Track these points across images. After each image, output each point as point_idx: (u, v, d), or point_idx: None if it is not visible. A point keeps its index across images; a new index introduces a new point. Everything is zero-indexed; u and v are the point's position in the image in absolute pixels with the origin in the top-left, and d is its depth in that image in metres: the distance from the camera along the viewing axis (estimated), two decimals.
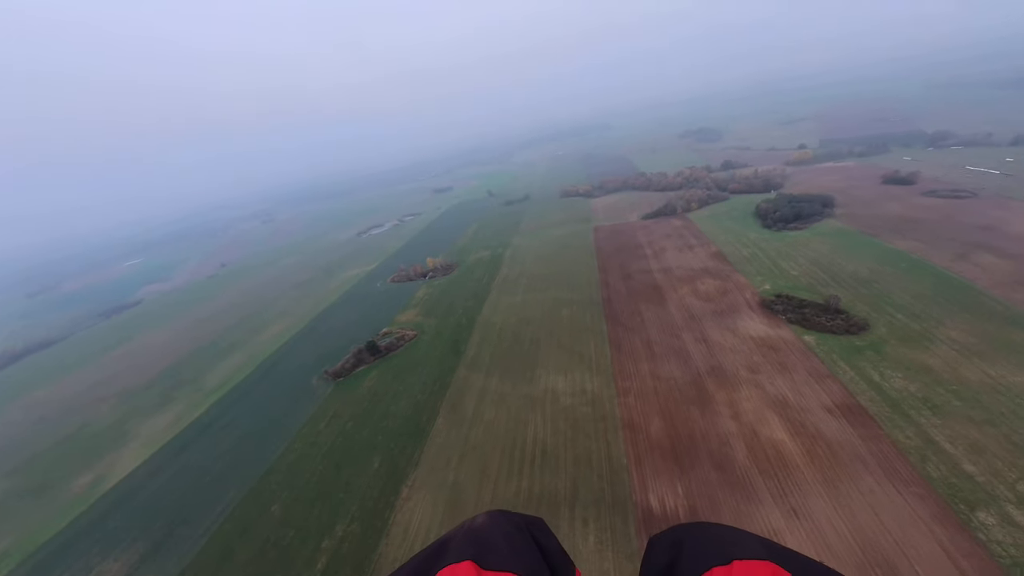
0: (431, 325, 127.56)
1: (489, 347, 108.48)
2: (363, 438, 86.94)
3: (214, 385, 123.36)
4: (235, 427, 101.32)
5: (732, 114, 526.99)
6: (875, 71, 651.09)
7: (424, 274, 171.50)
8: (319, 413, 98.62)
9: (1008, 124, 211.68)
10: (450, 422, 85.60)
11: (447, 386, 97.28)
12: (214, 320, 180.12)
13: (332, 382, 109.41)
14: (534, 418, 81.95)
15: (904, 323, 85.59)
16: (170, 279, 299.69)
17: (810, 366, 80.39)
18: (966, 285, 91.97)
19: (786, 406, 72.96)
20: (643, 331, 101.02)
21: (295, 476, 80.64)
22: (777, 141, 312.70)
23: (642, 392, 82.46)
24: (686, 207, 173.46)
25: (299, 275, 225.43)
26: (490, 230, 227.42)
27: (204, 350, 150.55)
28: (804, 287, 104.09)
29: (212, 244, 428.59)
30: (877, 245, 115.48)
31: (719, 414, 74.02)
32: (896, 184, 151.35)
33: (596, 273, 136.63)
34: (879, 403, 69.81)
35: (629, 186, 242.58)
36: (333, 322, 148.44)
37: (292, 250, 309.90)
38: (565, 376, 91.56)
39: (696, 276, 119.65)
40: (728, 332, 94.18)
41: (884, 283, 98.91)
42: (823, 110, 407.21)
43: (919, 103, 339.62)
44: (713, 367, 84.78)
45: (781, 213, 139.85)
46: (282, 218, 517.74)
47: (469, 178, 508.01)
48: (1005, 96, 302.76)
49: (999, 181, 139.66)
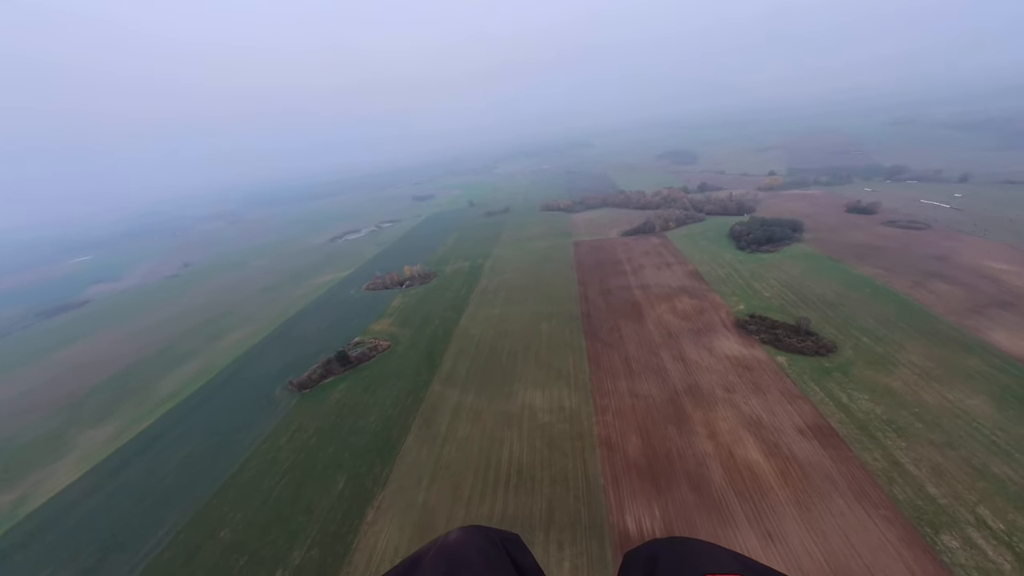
0: (406, 336, 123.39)
1: (466, 360, 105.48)
2: (328, 455, 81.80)
3: (165, 395, 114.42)
4: (185, 441, 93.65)
5: (707, 139, 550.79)
6: (838, 108, 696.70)
7: (401, 282, 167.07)
8: (281, 427, 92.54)
9: (955, 162, 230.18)
10: (422, 439, 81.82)
11: (420, 401, 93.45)
12: (170, 324, 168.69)
13: (297, 394, 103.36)
14: (510, 436, 79.38)
15: (869, 346, 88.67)
16: (122, 278, 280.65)
17: (783, 387, 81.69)
18: (924, 311, 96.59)
19: (760, 426, 73.48)
20: (622, 347, 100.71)
21: (250, 496, 74.61)
22: (749, 167, 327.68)
23: (620, 410, 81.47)
24: (664, 226, 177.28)
25: (267, 279, 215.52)
26: (470, 240, 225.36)
27: (157, 356, 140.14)
28: (776, 308, 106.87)
29: (174, 243, 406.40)
30: (843, 270, 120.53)
31: (696, 433, 73.76)
32: (859, 213, 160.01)
33: (576, 287, 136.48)
34: (848, 425, 71.29)
35: (609, 203, 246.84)
36: (301, 330, 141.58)
37: (261, 252, 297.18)
38: (543, 392, 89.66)
39: (674, 294, 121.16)
40: (705, 351, 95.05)
41: (850, 306, 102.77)
42: (791, 141, 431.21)
43: (877, 139, 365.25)
44: (690, 386, 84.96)
45: (754, 235, 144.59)
46: (251, 219, 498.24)
47: (451, 187, 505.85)
48: (952, 136, 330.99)
49: (949, 214, 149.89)
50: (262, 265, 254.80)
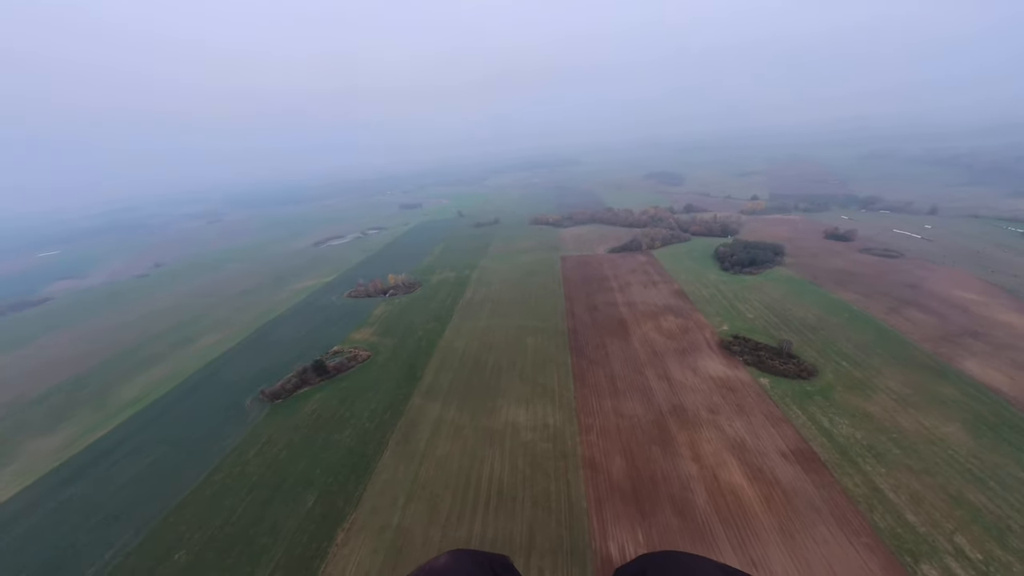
0: (387, 346, 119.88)
1: (448, 374, 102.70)
2: (298, 471, 77.48)
3: (125, 401, 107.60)
4: (144, 452, 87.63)
5: (693, 162, 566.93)
6: (818, 139, 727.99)
7: (384, 291, 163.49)
8: (249, 439, 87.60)
9: (925, 195, 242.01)
10: (399, 456, 78.40)
11: (399, 414, 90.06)
12: (137, 325, 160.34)
13: (268, 404, 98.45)
14: (492, 454, 76.79)
15: (848, 371, 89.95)
16: (89, 276, 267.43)
17: (766, 409, 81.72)
18: (900, 338, 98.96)
19: (744, 449, 72.96)
20: (607, 365, 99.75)
21: (211, 514, 69.67)
22: (733, 190, 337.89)
23: (605, 429, 79.98)
24: (650, 244, 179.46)
25: (244, 282, 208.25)
26: (458, 251, 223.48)
27: (119, 359, 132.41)
28: (759, 330, 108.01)
29: (148, 241, 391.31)
30: (823, 294, 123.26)
31: (680, 455, 72.72)
32: (837, 240, 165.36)
33: (562, 302, 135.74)
34: (829, 449, 71.41)
35: (597, 219, 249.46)
36: (277, 336, 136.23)
37: (239, 255, 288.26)
38: (527, 409, 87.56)
39: (659, 313, 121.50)
40: (689, 371, 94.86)
41: (830, 331, 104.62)
42: (773, 167, 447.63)
43: (853, 170, 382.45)
44: (675, 406, 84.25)
45: (738, 257, 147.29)
46: (232, 219, 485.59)
47: (440, 197, 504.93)
48: (923, 171, 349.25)
49: (920, 245, 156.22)
50: (240, 268, 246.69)
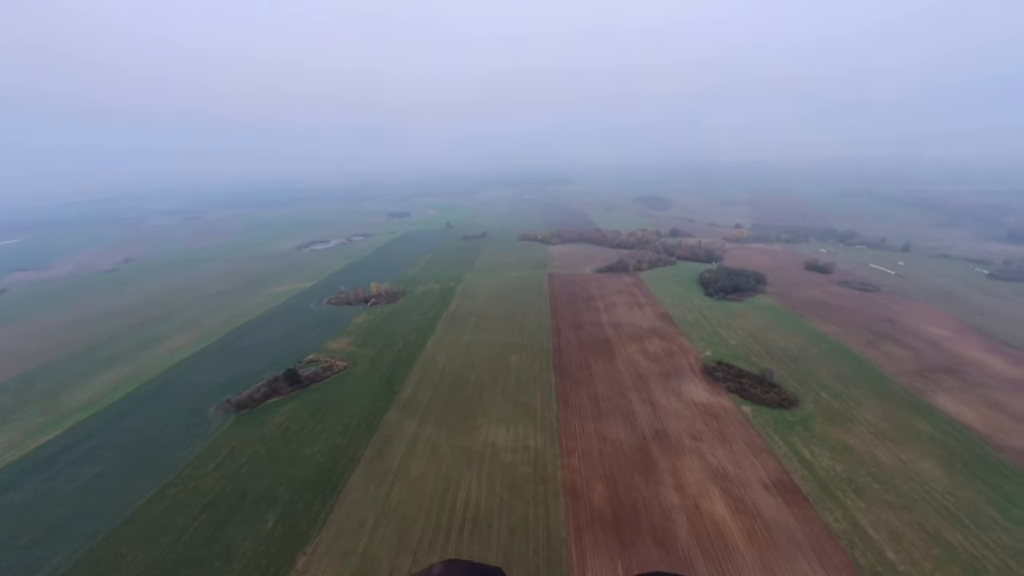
0: (366, 357, 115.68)
1: (428, 389, 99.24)
2: (260, 487, 72.48)
3: (76, 404, 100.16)
4: (91, 461, 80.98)
5: (680, 188, 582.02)
6: (798, 175, 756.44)
7: (366, 299, 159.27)
8: (210, 451, 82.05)
9: (898, 233, 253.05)
10: (370, 475, 74.32)
11: (373, 430, 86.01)
12: (98, 322, 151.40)
13: (234, 413, 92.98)
14: (469, 476, 73.50)
15: (828, 402, 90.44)
16: (51, 267, 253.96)
17: (748, 438, 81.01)
18: (877, 371, 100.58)
19: (727, 479, 71.69)
20: (591, 386, 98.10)
21: (159, 533, 64.09)
22: (717, 218, 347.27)
23: (587, 453, 77.78)
24: (637, 266, 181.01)
25: (219, 283, 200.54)
26: (443, 262, 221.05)
27: (75, 358, 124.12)
28: (742, 357, 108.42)
29: (121, 235, 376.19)
30: (803, 324, 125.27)
31: (663, 483, 70.95)
32: (816, 271, 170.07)
33: (548, 320, 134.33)
34: (810, 482, 70.73)
35: (585, 239, 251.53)
36: (250, 341, 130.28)
37: (216, 254, 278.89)
38: (508, 429, 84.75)
39: (644, 335, 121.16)
40: (673, 396, 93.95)
41: (810, 361, 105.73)
42: (756, 198, 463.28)
43: (831, 205, 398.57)
44: (658, 431, 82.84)
45: (722, 283, 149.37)
46: (211, 218, 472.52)
47: (428, 207, 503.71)
48: (896, 210, 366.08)
49: (895, 280, 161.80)
50: (215, 268, 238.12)
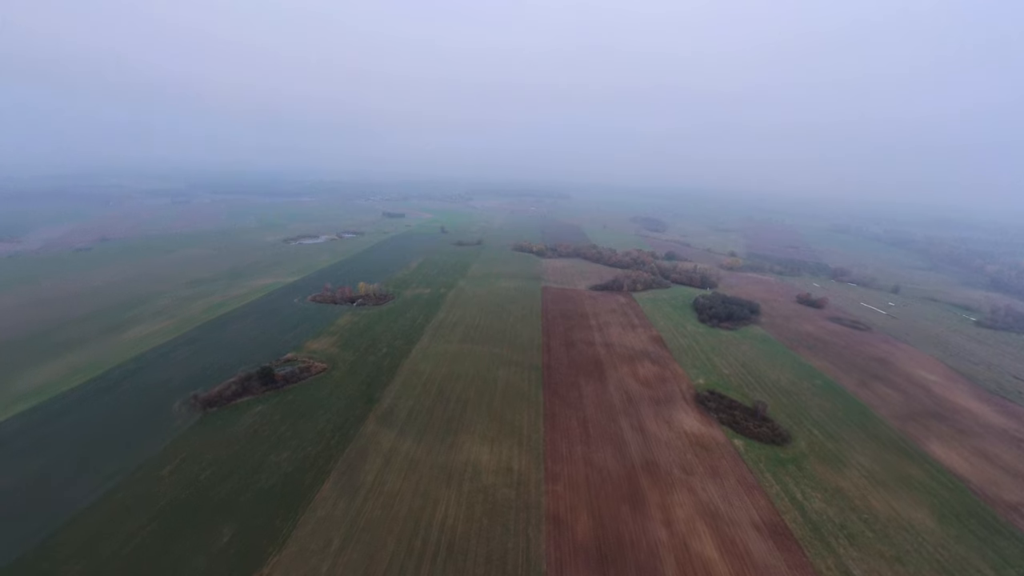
0: (346, 360, 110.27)
1: (409, 399, 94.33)
2: (220, 496, 66.63)
3: (24, 390, 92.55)
4: (33, 456, 74.02)
5: (677, 212, 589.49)
6: (788, 207, 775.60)
7: (353, 299, 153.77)
8: (169, 451, 75.81)
9: (887, 274, 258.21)
10: (341, 488, 69.05)
11: (348, 440, 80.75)
12: (61, 303, 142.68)
13: (200, 412, 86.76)
14: (447, 496, 68.79)
15: (821, 441, 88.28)
16: (19, 241, 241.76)
17: (739, 474, 78.05)
18: (869, 412, 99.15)
19: (717, 517, 68.35)
20: (581, 408, 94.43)
21: (99, 543, 57.85)
22: (712, 244, 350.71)
23: (573, 480, 73.76)
24: (632, 286, 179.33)
25: (198, 271, 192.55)
26: (436, 267, 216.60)
27: (31, 340, 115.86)
28: (735, 387, 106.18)
29: (98, 212, 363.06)
30: (795, 358, 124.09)
31: (651, 518, 67.22)
32: (808, 306, 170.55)
33: (539, 335, 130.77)
34: (802, 525, 67.84)
35: (580, 254, 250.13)
36: (225, 334, 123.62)
37: (198, 240, 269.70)
38: (491, 447, 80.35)
39: (636, 357, 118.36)
40: (664, 424, 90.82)
41: (803, 396, 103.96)
42: (750, 227, 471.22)
43: (821, 240, 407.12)
44: (648, 461, 79.35)
45: (716, 311, 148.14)
46: (200, 202, 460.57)
47: (424, 210, 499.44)
48: (883, 250, 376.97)
49: (885, 321, 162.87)
50: (196, 254, 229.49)
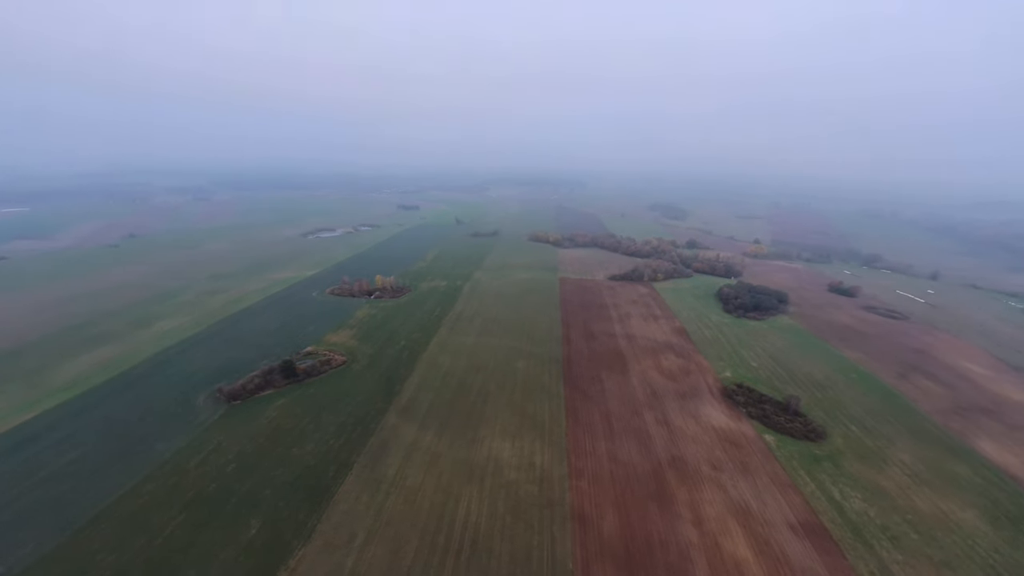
0: (366, 353, 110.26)
1: (430, 392, 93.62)
2: (245, 489, 67.17)
3: (60, 384, 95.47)
4: (70, 446, 76.16)
5: (697, 198, 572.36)
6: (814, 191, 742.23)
7: (370, 292, 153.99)
8: (195, 444, 76.94)
9: (925, 260, 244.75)
10: (364, 483, 68.81)
11: (370, 433, 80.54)
12: (93, 298, 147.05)
13: (225, 404, 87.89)
14: (469, 492, 67.80)
15: (858, 437, 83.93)
16: (53, 238, 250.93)
17: (772, 471, 74.75)
18: (910, 406, 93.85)
19: (749, 516, 65.52)
20: (603, 402, 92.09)
21: (132, 533, 58.94)
22: (735, 232, 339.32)
23: (597, 476, 71.82)
24: (652, 276, 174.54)
25: (220, 265, 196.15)
26: (452, 259, 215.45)
27: (65, 334, 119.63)
28: (763, 381, 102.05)
29: (126, 209, 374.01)
30: (827, 349, 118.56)
31: (680, 516, 64.85)
32: (840, 294, 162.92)
33: (559, 327, 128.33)
34: (841, 526, 64.42)
35: (598, 244, 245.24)
36: (246, 328, 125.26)
37: (220, 235, 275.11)
38: (513, 442, 78.96)
39: (659, 350, 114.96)
40: (691, 418, 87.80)
41: (837, 390, 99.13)
42: (775, 214, 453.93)
43: (852, 226, 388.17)
44: (675, 457, 76.73)
45: (742, 301, 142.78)
46: (220, 198, 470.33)
47: (438, 201, 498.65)
48: (919, 235, 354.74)
49: (924, 309, 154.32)
50: (218, 249, 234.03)
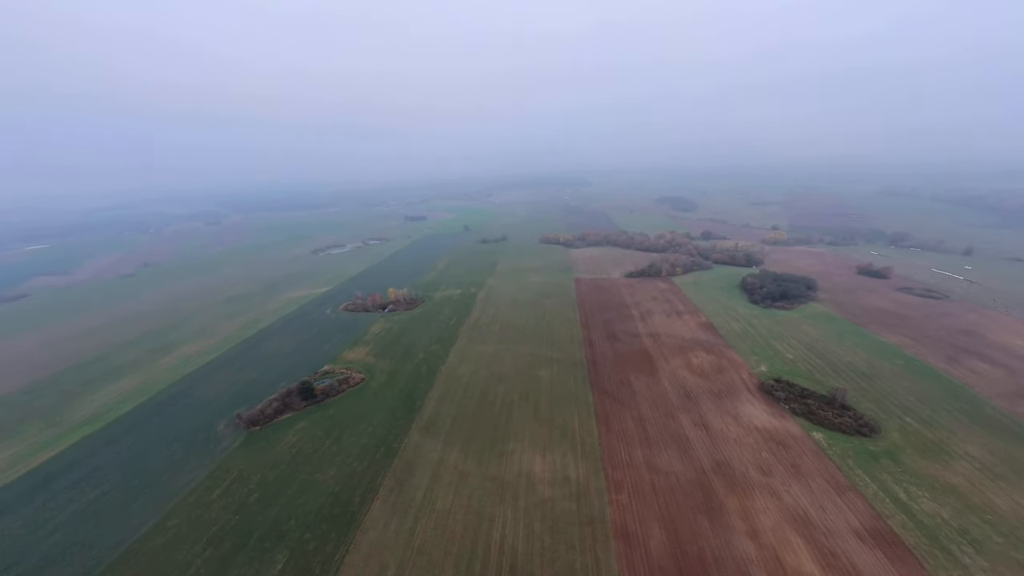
0: (383, 369, 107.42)
1: (452, 406, 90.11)
2: (269, 520, 64.29)
3: (82, 418, 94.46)
4: (93, 483, 74.49)
5: (704, 189, 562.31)
6: (826, 172, 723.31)
7: (384, 306, 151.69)
8: (217, 474, 74.53)
9: (955, 235, 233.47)
10: (392, 508, 65.36)
11: (394, 453, 77.25)
12: (111, 329, 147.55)
13: (244, 431, 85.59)
14: (503, 513, 63.81)
15: (916, 429, 77.75)
16: (72, 272, 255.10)
17: (827, 472, 69.21)
18: (968, 392, 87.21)
19: (809, 525, 60.21)
20: (634, 406, 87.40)
21: (159, 572, 56.25)
22: (750, 219, 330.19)
23: (638, 488, 67.21)
24: (670, 271, 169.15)
25: (234, 288, 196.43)
26: (463, 267, 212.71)
27: (86, 367, 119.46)
28: (803, 373, 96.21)
29: (142, 239, 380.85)
30: (867, 336, 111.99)
31: (733, 529, 59.84)
32: (871, 276, 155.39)
33: (579, 329, 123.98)
34: (913, 531, 58.66)
35: (610, 241, 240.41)
36: (264, 350, 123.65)
37: (233, 258, 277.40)
38: (543, 456, 74.85)
39: (688, 347, 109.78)
40: (730, 418, 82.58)
41: (884, 379, 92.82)
42: (788, 199, 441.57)
43: (871, 205, 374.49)
44: (719, 462, 71.68)
45: (768, 290, 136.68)
46: (231, 222, 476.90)
47: (445, 210, 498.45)
48: (946, 209, 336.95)
49: (964, 287, 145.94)
50: (232, 272, 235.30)
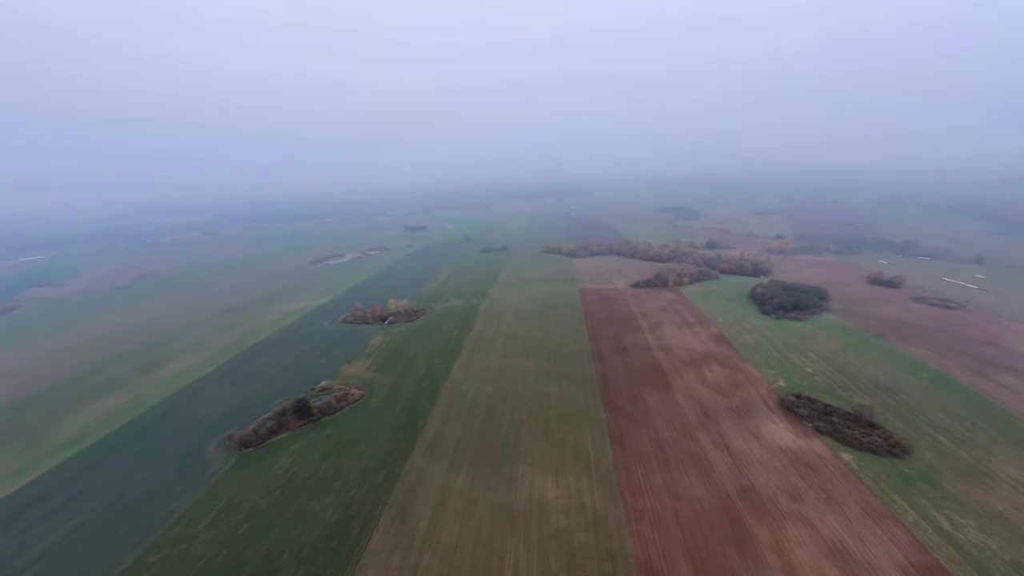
0: (384, 384, 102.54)
1: (456, 425, 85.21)
2: (259, 555, 59.00)
3: (63, 439, 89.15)
4: (66, 516, 68.94)
5: (705, 198, 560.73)
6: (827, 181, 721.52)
7: (384, 318, 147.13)
8: (204, 503, 69.25)
9: (962, 243, 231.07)
10: (393, 540, 60.18)
11: (395, 478, 72.18)
12: (102, 343, 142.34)
13: (236, 452, 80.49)
14: (514, 545, 58.71)
15: (951, 450, 73.20)
16: (66, 284, 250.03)
17: (861, 498, 64.44)
18: (1001, 408, 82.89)
19: (850, 559, 55.32)
20: (649, 425, 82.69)
21: None
22: (753, 228, 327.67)
23: (660, 517, 62.22)
24: (677, 280, 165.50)
25: (230, 300, 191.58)
26: (465, 277, 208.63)
27: (73, 383, 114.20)
28: (824, 388, 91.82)
29: (137, 250, 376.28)
30: (886, 348, 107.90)
31: (767, 564, 54.85)
32: (883, 286, 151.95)
33: (587, 342, 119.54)
34: (963, 566, 53.87)
35: (614, 251, 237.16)
36: (258, 365, 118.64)
37: (230, 270, 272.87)
38: (556, 480, 69.90)
39: (701, 360, 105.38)
40: (752, 437, 77.92)
41: (911, 395, 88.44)
42: (790, 207, 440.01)
43: (874, 214, 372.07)
44: (744, 488, 66.83)
45: (779, 300, 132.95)
46: (228, 233, 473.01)
47: (445, 220, 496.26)
48: (948, 218, 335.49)
49: (979, 296, 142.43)
50: (228, 284, 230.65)
